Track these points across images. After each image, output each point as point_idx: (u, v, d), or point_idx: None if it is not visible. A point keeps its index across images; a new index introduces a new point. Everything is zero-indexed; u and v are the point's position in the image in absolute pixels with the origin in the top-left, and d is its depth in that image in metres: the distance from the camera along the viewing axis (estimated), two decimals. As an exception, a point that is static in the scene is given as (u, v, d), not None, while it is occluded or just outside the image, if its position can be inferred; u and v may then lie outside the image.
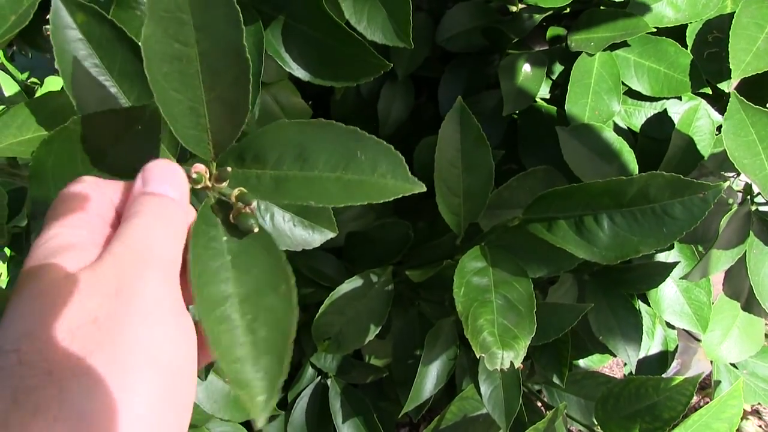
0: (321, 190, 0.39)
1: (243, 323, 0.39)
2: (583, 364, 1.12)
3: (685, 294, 0.91)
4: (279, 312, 0.39)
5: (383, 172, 0.39)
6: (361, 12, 0.56)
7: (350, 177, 0.39)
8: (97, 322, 0.30)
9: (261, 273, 0.40)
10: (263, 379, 0.39)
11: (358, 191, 0.39)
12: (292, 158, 0.40)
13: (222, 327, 0.39)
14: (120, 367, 0.29)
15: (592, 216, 0.59)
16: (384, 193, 0.39)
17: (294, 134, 0.40)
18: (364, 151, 0.39)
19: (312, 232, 0.58)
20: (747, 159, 0.67)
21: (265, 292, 0.40)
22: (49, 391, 0.28)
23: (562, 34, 0.99)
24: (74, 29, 0.42)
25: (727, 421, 0.68)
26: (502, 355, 0.59)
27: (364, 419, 1.00)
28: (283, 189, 0.40)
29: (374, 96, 1.05)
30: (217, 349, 0.38)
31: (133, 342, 0.30)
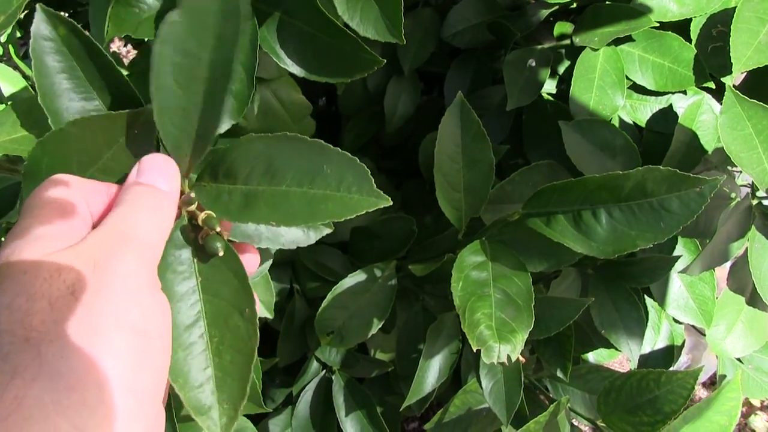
0: (287, 208, 0.40)
1: (211, 346, 0.40)
2: (592, 359, 1.12)
3: (689, 288, 0.91)
4: (244, 335, 0.40)
5: (348, 185, 0.40)
6: (354, 9, 0.57)
7: (316, 192, 0.40)
8: (74, 293, 0.32)
9: (229, 295, 0.41)
10: (226, 402, 0.40)
11: (323, 209, 0.40)
12: (261, 172, 0.41)
13: (185, 353, 0.39)
14: (93, 331, 0.31)
15: (590, 210, 0.59)
16: (349, 209, 0.39)
17: (262, 148, 0.41)
18: (330, 164, 0.40)
19: (307, 230, 0.58)
20: (744, 153, 0.67)
21: (231, 314, 0.41)
22: (26, 355, 0.30)
23: (568, 29, 0.99)
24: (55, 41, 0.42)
25: (726, 414, 0.67)
26: (499, 348, 0.59)
27: (367, 413, 1.00)
28: (251, 207, 0.41)
29: (381, 91, 1.06)
30: (178, 378, 0.39)
31: (107, 309, 0.32)
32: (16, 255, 0.33)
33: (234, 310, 0.40)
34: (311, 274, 0.95)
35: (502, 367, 0.79)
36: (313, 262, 0.95)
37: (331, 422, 1.03)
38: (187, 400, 0.39)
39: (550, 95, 1.03)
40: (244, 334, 0.40)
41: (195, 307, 0.40)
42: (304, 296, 0.99)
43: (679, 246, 0.91)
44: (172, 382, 0.38)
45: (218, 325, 0.40)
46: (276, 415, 1.06)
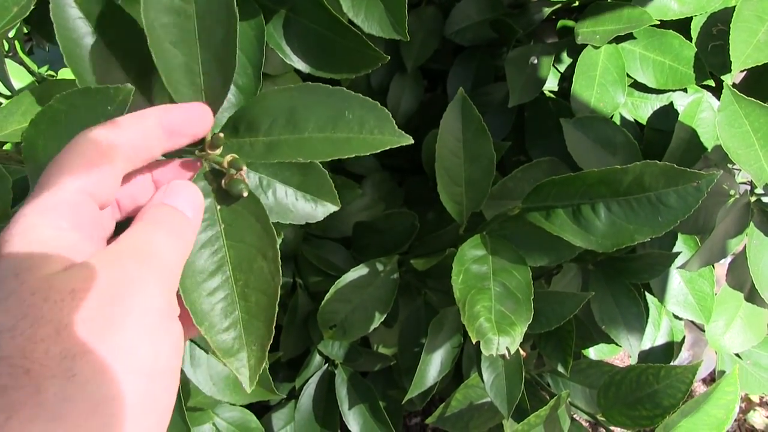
0: (310, 149, 0.40)
1: (236, 290, 0.41)
2: (593, 355, 1.13)
3: (688, 284, 0.92)
4: (267, 276, 0.41)
5: (371, 128, 0.40)
6: (359, 6, 0.58)
7: (338, 135, 0.41)
8: (86, 323, 0.29)
9: (252, 239, 0.42)
10: (254, 343, 0.40)
11: (346, 147, 0.40)
12: (282, 124, 0.41)
13: (211, 298, 0.40)
14: (102, 370, 0.29)
15: (589, 205, 0.60)
16: (371, 146, 0.40)
17: (284, 100, 0.42)
18: (351, 109, 0.41)
19: (315, 205, 0.59)
20: (741, 150, 0.68)
21: (255, 258, 0.41)
22: (25, 392, 0.27)
23: (571, 27, 0.99)
24: (74, 8, 0.43)
25: (723, 408, 0.68)
26: (498, 340, 0.60)
27: (369, 406, 1.01)
28: (274, 152, 0.41)
29: (384, 88, 1.06)
30: (204, 322, 0.39)
31: (119, 348, 0.30)
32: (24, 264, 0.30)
33: (257, 254, 0.41)
34: (314, 269, 0.96)
35: (504, 361, 0.79)
36: (315, 257, 0.95)
37: (333, 416, 1.04)
38: (214, 343, 0.39)
39: (552, 92, 1.04)
40: (267, 275, 0.41)
41: (219, 252, 0.41)
42: (306, 290, 1.00)
43: (678, 242, 0.91)
44: (197, 325, 0.39)
45: (243, 269, 0.41)
46: (279, 408, 1.07)
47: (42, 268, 0.30)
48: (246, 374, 0.40)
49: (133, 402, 0.29)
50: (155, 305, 0.32)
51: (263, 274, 0.41)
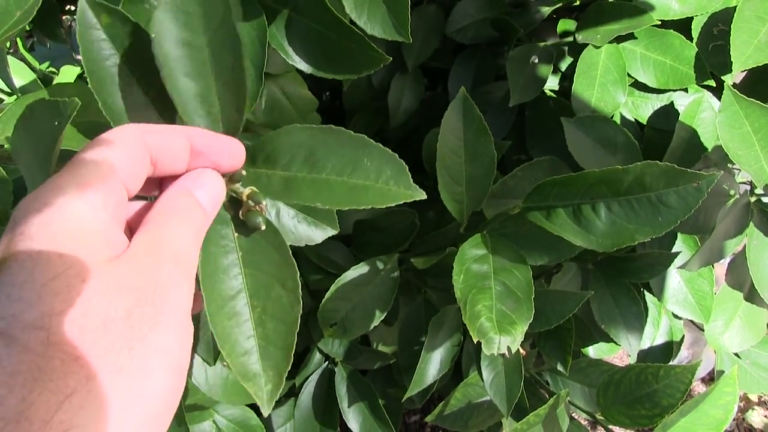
0: (328, 192, 0.41)
1: (253, 316, 0.41)
2: (592, 354, 1.13)
3: (688, 284, 0.92)
4: (286, 305, 0.42)
5: (387, 178, 0.41)
6: (362, 7, 0.58)
7: (356, 182, 0.41)
8: (131, 319, 0.30)
9: (270, 268, 0.42)
10: (271, 369, 0.41)
11: (363, 196, 0.41)
12: (301, 161, 0.42)
13: (231, 322, 0.41)
14: (144, 368, 0.30)
15: (589, 204, 0.60)
16: (387, 198, 0.41)
17: (305, 138, 0.42)
18: (370, 158, 0.41)
19: (315, 228, 0.60)
20: (741, 150, 0.68)
21: (273, 286, 0.42)
22: (76, 378, 0.27)
23: (572, 27, 1.00)
24: (99, 30, 0.43)
25: (722, 408, 0.68)
26: (499, 340, 0.60)
27: (369, 404, 1.01)
28: (292, 189, 0.42)
29: (385, 87, 1.07)
30: (225, 345, 0.40)
31: (157, 347, 0.30)
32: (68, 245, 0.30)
33: (275, 282, 0.42)
34: (314, 267, 0.96)
35: (503, 360, 0.80)
36: (316, 255, 0.95)
37: (333, 413, 1.04)
38: (234, 365, 0.40)
39: (553, 92, 1.04)
40: (286, 304, 0.41)
41: (237, 278, 0.42)
42: (307, 288, 1.00)
43: (678, 242, 0.92)
44: (220, 348, 0.40)
45: (260, 296, 0.41)
46: (278, 406, 1.07)
47: (87, 255, 0.30)
48: (263, 398, 0.41)
49: (165, 397, 0.31)
50: (184, 305, 0.33)
51: (281, 302, 0.41)
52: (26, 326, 0.28)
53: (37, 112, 0.37)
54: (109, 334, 0.29)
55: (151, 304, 0.31)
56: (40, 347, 0.27)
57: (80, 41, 0.42)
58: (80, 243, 0.30)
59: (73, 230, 0.31)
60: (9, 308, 0.28)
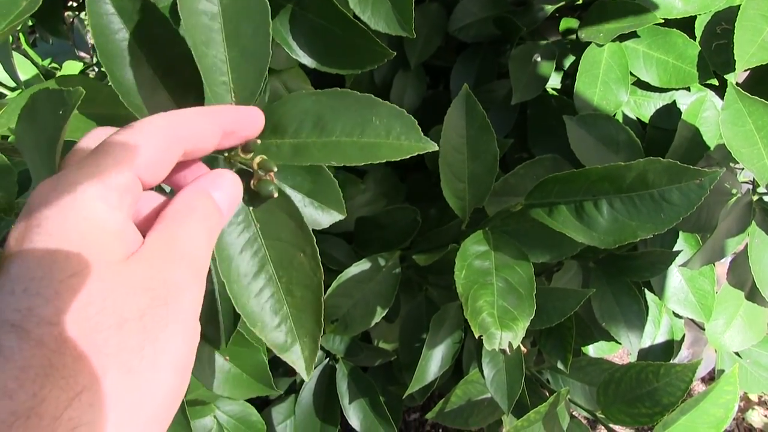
0: (340, 152, 0.41)
1: (281, 287, 0.42)
2: (593, 352, 1.13)
3: (689, 283, 0.92)
4: (309, 272, 0.42)
5: (397, 134, 0.41)
6: (366, 2, 0.58)
7: (366, 140, 0.41)
8: (143, 319, 0.30)
9: (288, 237, 0.42)
10: (306, 336, 0.42)
11: (376, 152, 0.41)
12: (310, 127, 0.42)
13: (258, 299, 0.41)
14: (152, 369, 0.30)
15: (591, 201, 0.60)
16: (400, 152, 0.41)
17: (311, 104, 0.42)
18: (378, 116, 0.41)
19: (322, 212, 0.60)
20: (745, 149, 0.68)
21: (294, 254, 0.42)
22: (86, 376, 0.28)
23: (574, 25, 1.00)
24: (108, 3, 0.43)
25: (723, 407, 0.68)
26: (501, 335, 0.60)
27: (370, 401, 1.01)
28: (302, 154, 0.42)
29: (387, 84, 1.07)
30: (256, 323, 0.41)
31: (167, 348, 0.31)
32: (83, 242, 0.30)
33: (296, 250, 0.42)
34: (316, 263, 0.96)
35: (504, 357, 0.80)
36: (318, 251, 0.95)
37: (334, 410, 1.04)
38: (268, 341, 0.41)
39: (555, 90, 1.04)
40: (309, 270, 0.42)
41: (259, 253, 0.42)
42: (308, 285, 1.00)
43: (680, 241, 0.92)
44: (251, 327, 0.40)
45: (284, 266, 0.42)
46: (279, 402, 1.08)
47: (103, 254, 0.31)
48: (302, 365, 0.42)
49: (170, 396, 0.31)
50: (194, 307, 0.33)
51: (304, 269, 0.42)
52: (41, 321, 0.28)
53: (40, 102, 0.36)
54: (122, 333, 0.29)
55: (164, 306, 0.31)
56: (54, 343, 0.27)
57: (89, 14, 0.42)
58: (96, 242, 0.31)
59: (90, 229, 0.31)
60: (25, 302, 0.28)
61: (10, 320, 0.28)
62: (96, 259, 0.30)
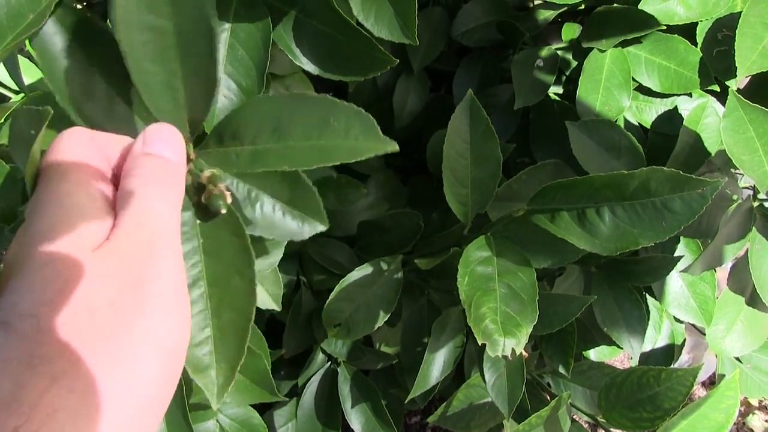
0: (295, 155, 0.40)
1: (210, 306, 0.41)
2: (594, 357, 1.13)
3: (690, 288, 0.93)
4: (242, 296, 0.41)
5: (356, 134, 0.39)
6: (369, 10, 0.58)
7: (324, 143, 0.40)
8: (114, 307, 0.30)
9: (229, 257, 0.41)
10: (224, 362, 0.41)
11: (333, 154, 0.39)
12: (268, 133, 0.40)
13: None
14: (133, 354, 0.30)
15: (594, 208, 0.60)
16: (356, 153, 0.39)
17: (269, 108, 0.41)
18: (336, 117, 0.40)
19: (302, 223, 0.59)
20: (745, 156, 0.69)
21: (231, 276, 0.41)
22: (65, 362, 0.28)
23: (577, 31, 1.00)
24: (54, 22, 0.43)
25: (724, 412, 0.69)
26: (504, 342, 0.60)
27: (372, 405, 1.01)
28: (258, 160, 0.40)
29: (390, 88, 1.07)
30: None
31: (145, 332, 0.31)
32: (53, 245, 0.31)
33: (234, 271, 0.41)
34: (318, 267, 0.96)
35: (505, 362, 0.80)
36: (320, 255, 0.96)
37: (335, 414, 1.04)
38: (187, 357, 0.39)
39: (557, 95, 1.04)
40: (242, 294, 0.41)
41: (196, 267, 0.41)
42: (310, 288, 1.00)
43: (681, 246, 0.92)
44: None
45: (218, 286, 0.41)
46: (281, 406, 1.08)
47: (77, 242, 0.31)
48: (213, 391, 0.41)
49: (159, 382, 0.31)
50: (173, 282, 0.33)
51: (238, 292, 0.41)
52: (21, 314, 0.29)
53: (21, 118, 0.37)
54: (95, 322, 0.30)
55: (133, 292, 0.31)
56: (35, 334, 0.28)
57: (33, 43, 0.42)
58: (70, 228, 0.32)
59: (64, 215, 0.32)
60: (9, 299, 0.29)
61: None
62: (68, 249, 0.31)
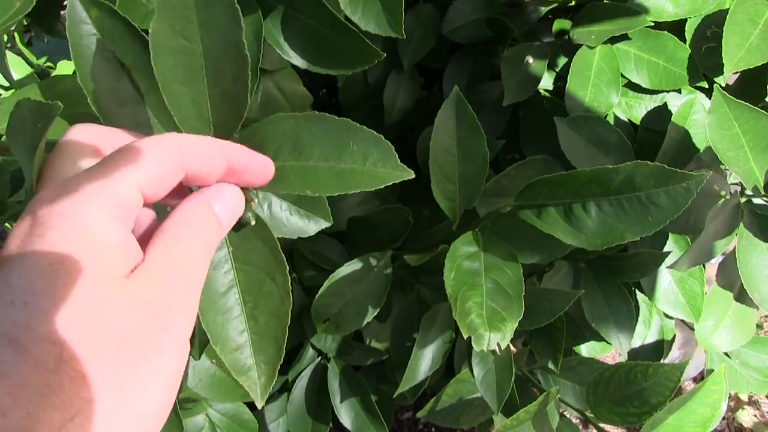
0: (316, 179, 0.41)
1: (245, 311, 0.42)
2: (585, 352, 1.14)
3: (679, 284, 0.93)
4: (276, 300, 0.42)
5: (374, 160, 0.41)
6: (356, 4, 0.58)
7: (343, 166, 0.41)
8: (138, 341, 0.30)
9: (260, 263, 0.43)
10: (264, 363, 0.42)
11: (351, 180, 0.41)
12: (288, 150, 0.41)
13: (222, 318, 0.41)
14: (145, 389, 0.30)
15: (580, 203, 0.60)
16: (375, 180, 0.41)
17: (290, 127, 0.42)
18: (356, 141, 0.41)
19: (308, 221, 0.60)
20: (731, 152, 0.69)
21: (264, 281, 0.42)
22: (82, 398, 0.28)
23: (567, 27, 1.00)
24: (89, 24, 0.44)
25: (710, 406, 0.69)
26: (489, 336, 0.60)
27: (361, 399, 1.02)
28: (281, 180, 0.41)
29: (381, 85, 1.07)
30: (217, 341, 0.41)
31: (160, 368, 0.31)
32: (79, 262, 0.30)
33: (266, 277, 0.42)
34: (308, 263, 0.97)
35: (494, 357, 0.80)
36: (310, 251, 0.96)
37: (325, 409, 1.05)
38: (227, 361, 0.41)
39: (548, 91, 1.04)
40: (277, 298, 0.42)
41: (228, 275, 0.42)
42: (301, 284, 1.00)
43: (669, 242, 0.92)
44: (213, 345, 0.41)
45: (251, 291, 0.42)
46: (271, 401, 1.08)
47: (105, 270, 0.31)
48: (257, 392, 0.42)
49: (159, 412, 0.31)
50: (188, 324, 0.33)
51: (273, 297, 0.42)
52: (39, 338, 0.28)
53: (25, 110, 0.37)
54: (119, 355, 0.29)
55: (159, 326, 0.31)
56: (52, 363, 0.27)
57: (70, 36, 0.43)
58: (98, 256, 0.30)
59: (92, 242, 0.31)
60: (24, 316, 0.28)
61: (7, 334, 0.27)
62: (96, 276, 0.30)
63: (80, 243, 0.30)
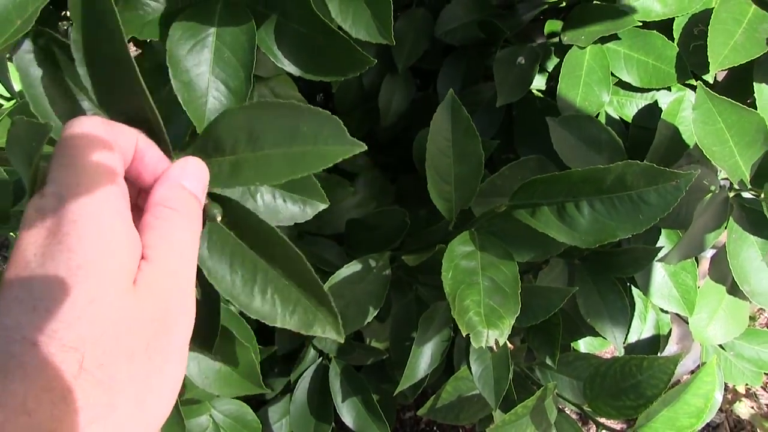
0: (269, 169, 0.41)
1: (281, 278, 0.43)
2: (584, 348, 1.15)
3: (672, 278, 0.94)
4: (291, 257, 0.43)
5: (325, 138, 0.41)
6: (347, 12, 0.60)
7: (295, 150, 0.41)
8: (148, 351, 0.32)
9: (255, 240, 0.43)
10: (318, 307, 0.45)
11: (302, 163, 0.41)
12: (245, 142, 0.42)
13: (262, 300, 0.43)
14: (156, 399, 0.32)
15: (573, 203, 0.62)
16: (326, 159, 0.41)
17: (243, 119, 0.42)
18: (306, 122, 0.41)
19: (303, 206, 0.61)
20: (716, 147, 0.71)
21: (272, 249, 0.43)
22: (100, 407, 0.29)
23: (558, 28, 1.02)
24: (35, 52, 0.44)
25: (703, 397, 0.71)
26: (487, 333, 0.62)
27: (362, 399, 1.03)
28: (238, 174, 0.42)
29: (376, 88, 1.08)
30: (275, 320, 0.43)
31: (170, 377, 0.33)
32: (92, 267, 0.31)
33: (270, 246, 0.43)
34: (308, 265, 0.97)
35: (491, 354, 0.81)
36: (309, 253, 0.97)
37: (327, 408, 1.06)
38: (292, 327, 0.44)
39: (540, 92, 1.06)
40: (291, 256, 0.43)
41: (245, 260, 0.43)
42: (301, 286, 1.01)
43: (662, 237, 0.94)
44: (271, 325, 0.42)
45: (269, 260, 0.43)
46: (274, 402, 1.09)
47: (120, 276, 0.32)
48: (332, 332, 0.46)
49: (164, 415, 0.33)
50: (189, 329, 0.35)
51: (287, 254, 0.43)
52: (64, 346, 0.29)
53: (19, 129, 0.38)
54: (131, 365, 0.31)
55: (166, 335, 0.33)
56: (76, 370, 0.29)
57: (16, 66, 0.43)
58: (113, 260, 0.32)
59: (107, 246, 0.32)
60: (50, 324, 0.29)
61: (30, 338, 0.29)
62: (111, 283, 0.31)
63: (94, 249, 0.31)
